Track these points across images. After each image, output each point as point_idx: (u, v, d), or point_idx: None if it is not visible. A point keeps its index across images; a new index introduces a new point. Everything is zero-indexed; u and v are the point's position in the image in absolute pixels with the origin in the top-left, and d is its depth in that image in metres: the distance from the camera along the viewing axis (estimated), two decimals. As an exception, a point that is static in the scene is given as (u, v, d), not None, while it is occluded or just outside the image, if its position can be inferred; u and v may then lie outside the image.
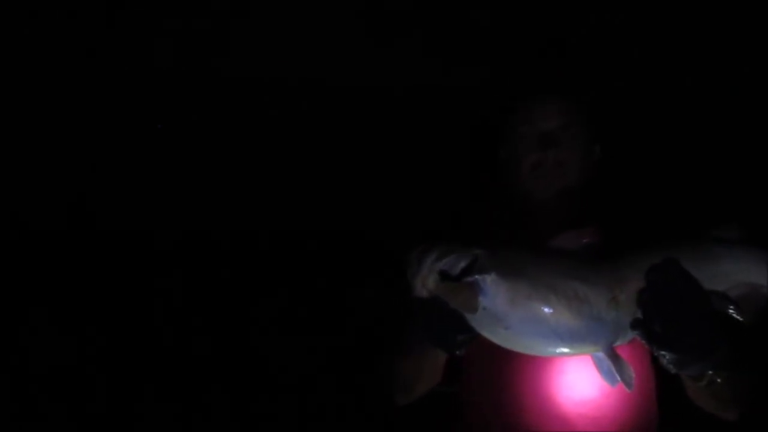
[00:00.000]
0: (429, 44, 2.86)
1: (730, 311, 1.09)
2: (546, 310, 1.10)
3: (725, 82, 2.67)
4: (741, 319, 1.09)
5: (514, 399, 1.40)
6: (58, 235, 3.24)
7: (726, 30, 2.61)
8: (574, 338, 1.11)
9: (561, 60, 2.55)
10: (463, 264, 1.14)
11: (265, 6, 2.90)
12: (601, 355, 1.13)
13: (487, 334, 1.15)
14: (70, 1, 2.80)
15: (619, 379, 1.11)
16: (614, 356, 1.12)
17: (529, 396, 1.38)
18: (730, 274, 1.11)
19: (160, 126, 3.38)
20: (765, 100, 2.59)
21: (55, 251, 3.22)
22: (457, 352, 1.23)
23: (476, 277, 1.11)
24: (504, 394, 1.41)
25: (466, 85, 2.81)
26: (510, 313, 1.11)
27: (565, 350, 1.13)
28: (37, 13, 2.82)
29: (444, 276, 1.12)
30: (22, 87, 3.06)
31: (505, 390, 1.41)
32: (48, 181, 3.25)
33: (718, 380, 1.14)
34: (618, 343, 1.13)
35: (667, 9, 2.59)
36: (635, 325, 1.09)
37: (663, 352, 1.07)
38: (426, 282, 1.14)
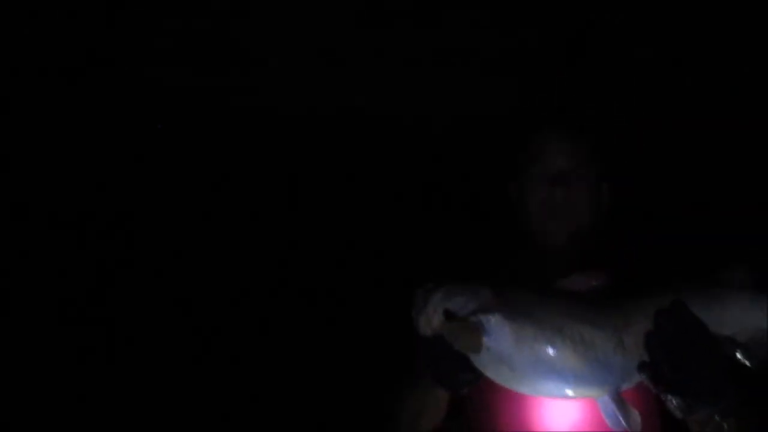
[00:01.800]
0: (440, 75, 2.88)
1: (738, 356, 1.08)
2: (551, 352, 1.09)
3: (733, 124, 2.67)
4: (749, 365, 1.08)
5: None
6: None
7: (731, 72, 2.63)
8: (579, 381, 1.10)
9: (571, 98, 2.58)
10: (468, 303, 1.13)
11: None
12: (606, 398, 1.11)
13: (491, 374, 1.15)
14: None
15: (624, 424, 1.09)
16: (619, 400, 1.11)
17: None
18: (739, 319, 1.10)
19: (159, 126, 3.40)
20: None
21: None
22: (461, 392, 1.23)
23: (481, 317, 1.11)
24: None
25: (479, 119, 2.83)
26: (515, 354, 1.10)
27: (570, 393, 1.12)
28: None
29: (449, 315, 1.12)
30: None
31: (501, 428, 1.39)
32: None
33: (725, 426, 1.13)
34: (624, 387, 1.12)
35: (681, 50, 2.61)
36: (642, 368, 1.08)
37: (670, 397, 1.06)
38: (431, 321, 1.14)
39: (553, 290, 1.17)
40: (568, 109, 1.74)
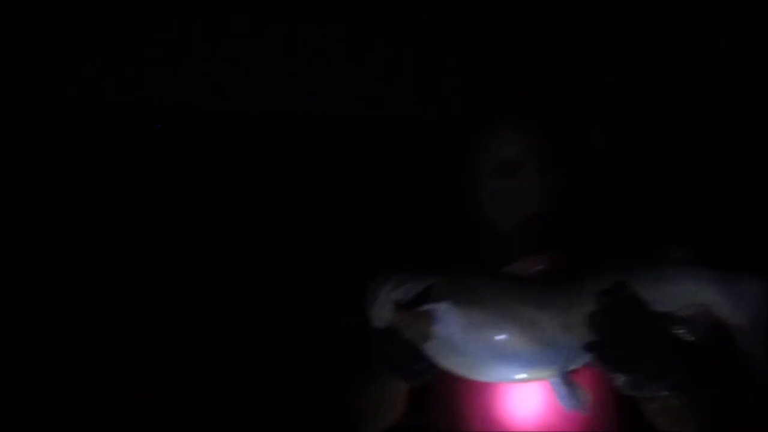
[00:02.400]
0: (389, 71, 2.90)
1: (681, 332, 1.11)
2: (499, 336, 1.11)
3: (675, 111, 2.75)
4: (692, 340, 1.11)
5: (475, 427, 1.40)
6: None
7: (673, 71, 2.71)
8: (529, 364, 1.12)
9: (520, 87, 2.62)
10: (418, 292, 1.15)
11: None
12: (556, 379, 1.14)
13: (443, 362, 1.16)
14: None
15: (574, 403, 1.12)
16: (569, 381, 1.13)
17: (489, 423, 1.38)
18: (680, 296, 1.13)
19: (159, 126, 3.34)
20: (712, 126, 2.68)
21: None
22: (418, 382, 1.24)
23: (431, 305, 1.13)
24: (464, 422, 1.41)
25: (425, 113, 2.86)
26: (464, 341, 1.12)
27: (521, 376, 1.14)
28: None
29: (399, 305, 1.13)
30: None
31: (465, 418, 1.41)
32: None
33: (674, 401, 1.16)
34: (573, 367, 1.14)
35: (629, 41, 2.67)
36: (588, 348, 1.10)
37: (617, 375, 1.09)
38: (382, 312, 1.15)
39: (500, 275, 1.19)
40: (515, 98, 1.76)
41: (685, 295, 1.13)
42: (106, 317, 2.97)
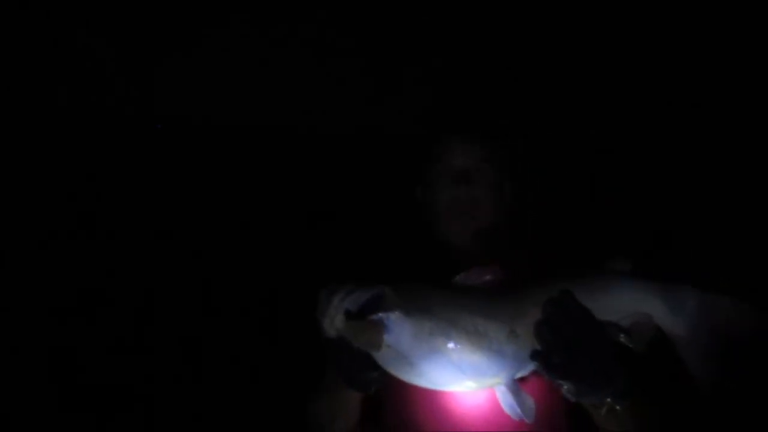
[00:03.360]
0: (345, 82, 2.92)
1: (623, 341, 1.14)
2: (448, 345, 1.13)
3: (618, 126, 2.84)
4: (634, 348, 1.15)
5: None
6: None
7: (635, 78, 2.78)
8: (476, 372, 1.14)
9: (475, 100, 2.66)
10: (368, 302, 1.16)
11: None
12: (503, 387, 1.16)
13: (393, 371, 1.18)
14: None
15: (519, 411, 1.14)
16: (515, 389, 1.16)
17: (440, 429, 1.40)
18: (622, 305, 1.16)
19: (158, 126, 3.30)
20: (653, 136, 2.77)
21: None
22: (370, 390, 1.26)
23: (380, 314, 1.14)
24: (415, 429, 1.43)
25: (385, 125, 2.89)
26: (414, 350, 1.14)
27: (469, 383, 1.16)
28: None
29: (349, 315, 1.15)
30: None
31: (416, 425, 1.43)
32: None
33: (618, 407, 1.19)
34: (519, 375, 1.17)
35: (587, 47, 2.73)
36: (534, 356, 1.13)
37: (561, 382, 1.11)
38: (334, 321, 1.17)
39: (449, 285, 1.21)
40: (470, 111, 1.79)
41: (627, 304, 1.16)
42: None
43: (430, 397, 1.38)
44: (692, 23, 2.58)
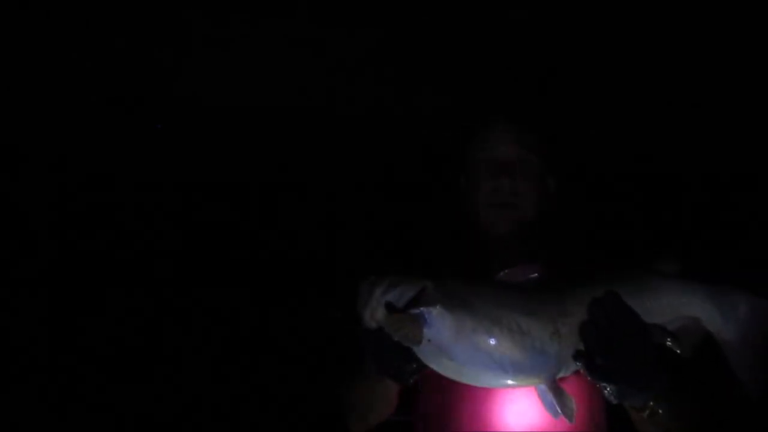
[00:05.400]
0: (390, 69, 2.90)
1: (669, 344, 1.12)
2: (490, 342, 1.12)
3: (663, 126, 2.78)
4: (679, 352, 1.12)
5: (461, 430, 1.41)
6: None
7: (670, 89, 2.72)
8: (517, 370, 1.13)
9: (523, 91, 2.62)
10: (410, 296, 1.16)
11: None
12: (543, 387, 1.14)
13: (432, 365, 1.17)
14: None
15: (560, 411, 1.13)
16: (556, 388, 1.14)
17: (476, 427, 1.39)
18: (670, 308, 1.14)
19: (158, 126, 3.36)
20: (703, 144, 2.71)
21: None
22: (407, 382, 1.25)
23: (422, 309, 1.13)
24: (451, 425, 1.42)
25: (427, 112, 2.86)
26: (454, 346, 1.13)
27: (509, 382, 1.15)
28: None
29: (390, 308, 1.14)
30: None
31: (452, 421, 1.42)
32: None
33: (660, 411, 1.17)
34: (561, 375, 1.15)
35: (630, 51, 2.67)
36: (577, 357, 1.11)
37: (604, 384, 1.10)
38: (374, 313, 1.16)
39: (492, 282, 1.20)
40: (516, 100, 1.77)
41: (674, 307, 1.14)
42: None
43: (468, 393, 1.37)
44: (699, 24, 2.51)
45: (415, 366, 1.19)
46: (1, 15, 2.63)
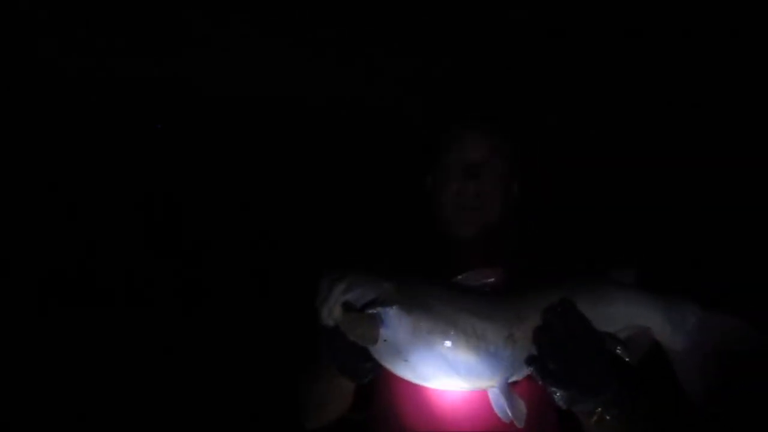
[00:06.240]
0: (351, 68, 2.91)
1: (618, 351, 1.14)
2: (445, 344, 1.13)
3: (629, 132, 2.83)
4: (628, 360, 1.15)
5: (413, 430, 1.42)
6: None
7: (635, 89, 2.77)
8: (471, 373, 1.15)
9: (489, 93, 2.64)
10: (369, 296, 1.16)
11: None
12: (496, 390, 1.16)
13: (388, 365, 1.18)
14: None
15: (510, 415, 1.14)
16: (508, 392, 1.15)
17: (428, 427, 1.40)
18: (622, 316, 1.16)
19: (159, 126, 3.32)
20: (664, 151, 2.76)
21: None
22: (363, 381, 1.26)
23: (379, 309, 1.14)
24: (404, 425, 1.43)
25: (395, 109, 2.87)
26: (410, 346, 1.14)
27: (462, 384, 1.17)
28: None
29: (347, 307, 1.15)
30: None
31: (404, 420, 1.43)
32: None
33: (608, 417, 1.19)
34: (513, 379, 1.17)
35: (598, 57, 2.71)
36: (530, 361, 1.13)
37: (554, 389, 1.12)
38: (332, 311, 1.17)
39: (450, 284, 1.21)
40: (482, 103, 1.77)
41: (626, 316, 1.16)
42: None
43: (422, 393, 1.38)
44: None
45: (370, 365, 1.20)
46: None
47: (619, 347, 1.14)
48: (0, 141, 3.12)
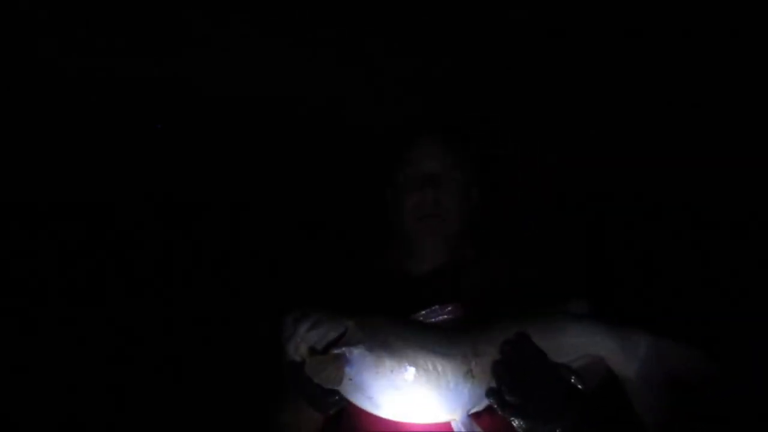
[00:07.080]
0: (359, 64, 2.93)
1: (573, 381, 1.19)
2: (407, 381, 1.18)
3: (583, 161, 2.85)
4: (582, 389, 1.20)
5: None
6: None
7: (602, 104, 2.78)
8: (433, 407, 1.20)
9: (447, 106, 2.67)
10: (333, 335, 1.21)
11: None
12: (458, 421, 1.22)
13: (353, 400, 1.23)
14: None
15: (472, 445, 1.20)
16: (469, 423, 1.21)
17: None
18: (577, 346, 1.21)
19: (159, 126, 3.38)
20: (617, 182, 2.78)
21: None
22: (329, 412, 1.31)
23: (344, 349, 1.19)
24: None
25: (357, 125, 2.91)
26: (374, 384, 1.19)
27: (426, 418, 1.22)
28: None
29: (312, 351, 1.20)
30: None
31: None
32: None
33: None
34: (474, 410, 1.22)
35: (559, 66, 2.72)
36: (489, 393, 1.18)
37: (513, 419, 1.17)
38: (298, 348, 1.22)
39: (411, 322, 1.25)
40: (440, 114, 1.79)
41: (580, 346, 1.21)
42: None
43: (386, 425, 1.40)
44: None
45: (337, 398, 1.24)
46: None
47: (573, 377, 1.19)
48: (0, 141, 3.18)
